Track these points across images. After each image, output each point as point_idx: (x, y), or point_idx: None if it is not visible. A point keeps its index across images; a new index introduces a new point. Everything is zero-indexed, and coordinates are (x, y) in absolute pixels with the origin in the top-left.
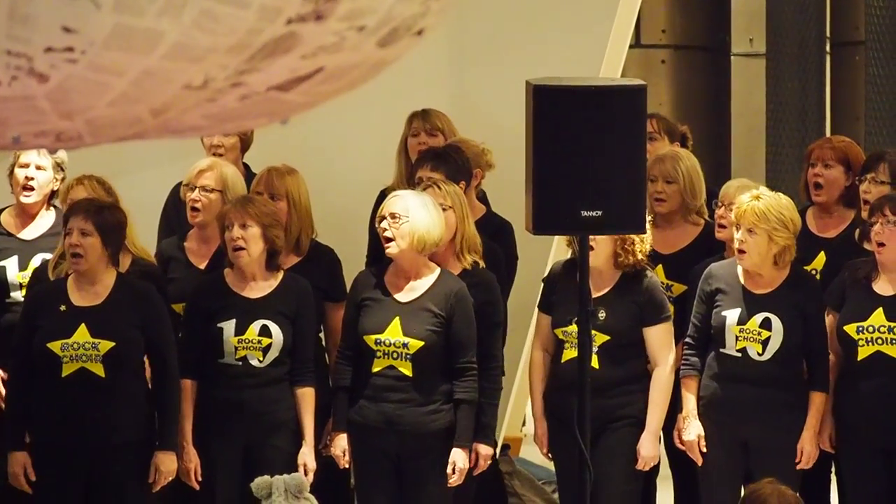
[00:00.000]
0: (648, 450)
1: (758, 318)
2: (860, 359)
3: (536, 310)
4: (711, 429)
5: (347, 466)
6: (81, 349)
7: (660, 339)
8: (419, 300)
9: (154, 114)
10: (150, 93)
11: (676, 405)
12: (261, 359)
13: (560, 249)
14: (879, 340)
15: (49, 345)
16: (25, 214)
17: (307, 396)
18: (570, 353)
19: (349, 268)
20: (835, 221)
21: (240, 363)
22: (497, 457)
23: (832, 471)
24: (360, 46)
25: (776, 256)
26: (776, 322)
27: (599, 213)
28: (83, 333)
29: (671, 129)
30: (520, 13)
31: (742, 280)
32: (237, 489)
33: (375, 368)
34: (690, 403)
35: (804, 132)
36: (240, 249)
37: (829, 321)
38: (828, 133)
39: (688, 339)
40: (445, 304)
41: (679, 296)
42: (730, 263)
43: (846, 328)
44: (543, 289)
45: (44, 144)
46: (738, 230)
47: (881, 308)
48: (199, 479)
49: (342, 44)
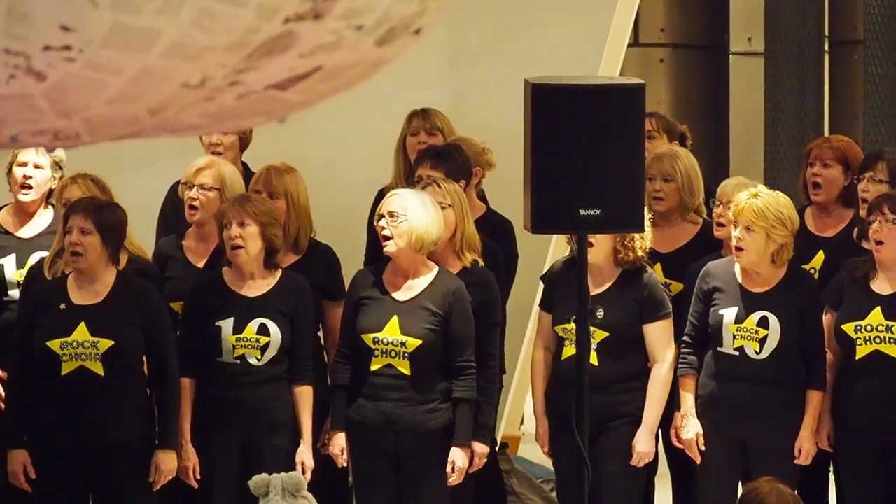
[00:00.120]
0: (644, 445)
1: (755, 317)
2: (858, 358)
3: (536, 309)
4: (709, 427)
5: (346, 465)
6: (81, 348)
7: (659, 336)
8: (417, 299)
9: (152, 112)
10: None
11: (674, 403)
12: (259, 357)
13: (558, 249)
14: (877, 339)
15: (48, 343)
16: (23, 213)
17: (305, 395)
18: (570, 351)
19: (348, 266)
20: (833, 221)
21: (238, 362)
22: (497, 455)
23: (830, 470)
24: (358, 45)
25: (774, 254)
26: (773, 321)
27: (598, 212)
28: (83, 332)
29: (670, 128)
30: (518, 12)
31: (739, 278)
32: (235, 487)
33: (374, 367)
34: (688, 402)
35: (803, 131)
36: (238, 248)
37: (828, 320)
38: (826, 132)
39: (685, 338)
40: (443, 303)
41: (677, 294)
42: (727, 262)
43: (844, 327)
44: (544, 287)
45: (42, 143)
46: (736, 228)
47: (879, 307)
48: (198, 478)
49: (340, 43)
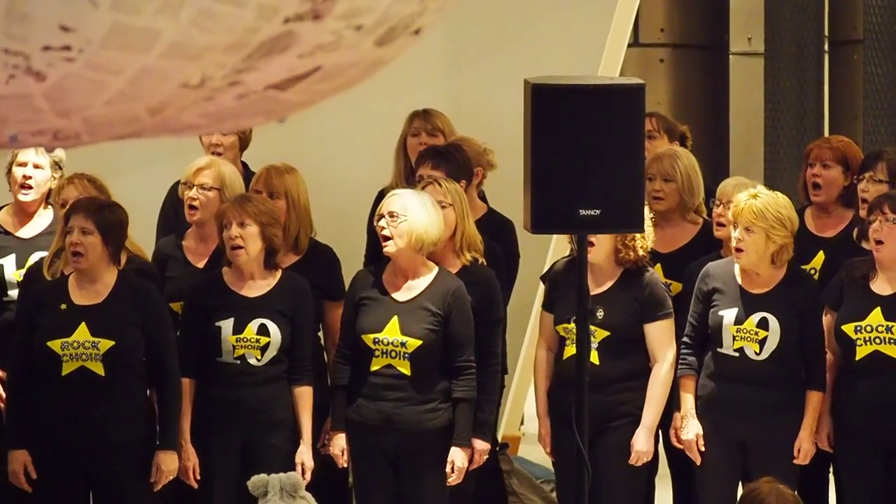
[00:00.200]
0: (642, 444)
1: (755, 318)
2: (858, 358)
3: (536, 309)
4: (709, 428)
5: (346, 465)
6: (81, 348)
7: (660, 336)
8: (417, 299)
9: (151, 112)
10: (148, 91)
11: (674, 403)
12: (259, 357)
13: (558, 249)
14: (877, 340)
15: (49, 343)
16: (23, 213)
17: (305, 395)
18: (571, 350)
19: (348, 266)
20: (833, 221)
21: (238, 362)
22: (497, 454)
23: (830, 470)
24: (358, 45)
25: (773, 255)
26: (773, 322)
27: (598, 212)
28: (83, 332)
29: (671, 128)
30: (518, 12)
31: (739, 279)
32: (235, 488)
33: (374, 367)
34: (688, 403)
35: (802, 131)
36: (238, 248)
37: (827, 321)
38: (826, 132)
39: (684, 339)
40: (443, 303)
41: (676, 295)
42: (727, 262)
43: (844, 328)
44: (546, 287)
45: (41, 143)
46: (736, 229)
47: (879, 307)
48: (197, 478)
49: (339, 43)
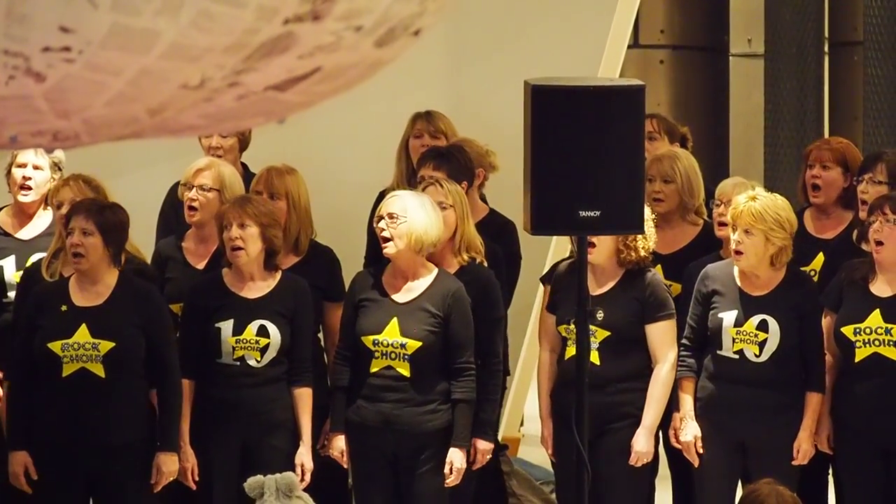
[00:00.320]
0: (642, 445)
1: (754, 320)
2: (857, 360)
3: (536, 310)
4: (708, 430)
5: (345, 467)
6: (82, 349)
7: (661, 337)
8: (417, 300)
9: (151, 113)
10: (147, 92)
11: (674, 404)
12: (258, 359)
13: (558, 250)
14: (876, 342)
15: (49, 345)
16: (23, 214)
17: (304, 396)
18: (573, 351)
19: (348, 268)
20: (833, 223)
21: (237, 363)
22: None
23: (829, 472)
24: (357, 46)
25: (773, 257)
26: (773, 324)
27: (598, 214)
28: (84, 333)
29: (671, 130)
30: (518, 13)
31: (738, 281)
32: (235, 489)
33: (373, 369)
34: (687, 404)
35: (802, 132)
36: (238, 249)
37: (827, 322)
38: (826, 133)
39: (684, 341)
40: (443, 305)
41: (676, 296)
42: (726, 264)
43: (843, 330)
44: (550, 289)
45: (41, 144)
46: (735, 231)
47: (878, 309)
48: (196, 479)
49: (339, 44)
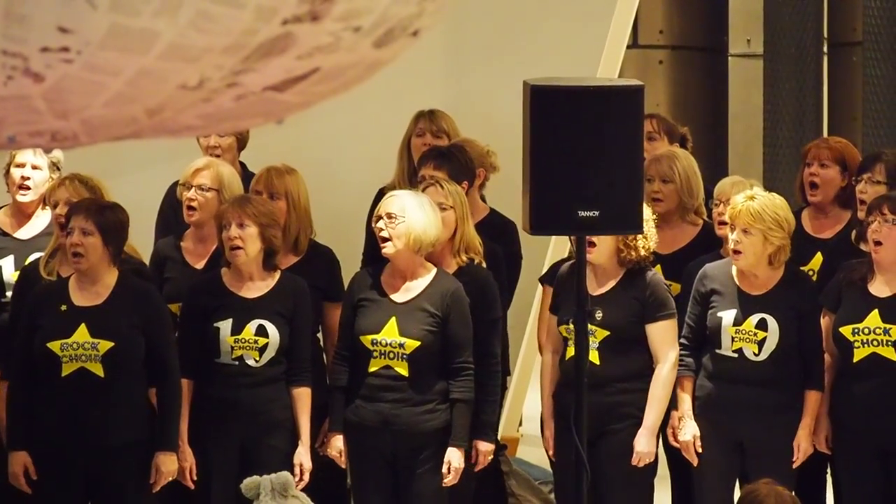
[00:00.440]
0: (644, 446)
1: (753, 319)
2: (856, 360)
3: (535, 310)
4: (707, 429)
5: (344, 466)
6: (81, 349)
7: (661, 336)
8: (415, 300)
9: (149, 114)
10: (146, 93)
11: (673, 403)
12: (257, 358)
13: (557, 250)
14: (875, 342)
15: (49, 344)
16: (21, 214)
17: (303, 396)
18: (573, 351)
19: (348, 267)
20: (830, 222)
21: (236, 363)
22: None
23: (828, 472)
24: (356, 47)
25: (771, 256)
26: (772, 322)
27: (597, 214)
28: (83, 333)
29: (671, 130)
30: (517, 13)
31: (737, 281)
32: (233, 488)
33: (372, 368)
34: (686, 404)
35: (801, 133)
36: (237, 249)
37: (825, 322)
38: (825, 133)
39: (682, 340)
40: (441, 304)
41: (675, 296)
42: (725, 264)
43: (842, 330)
44: (553, 290)
45: (39, 144)
46: (733, 231)
47: (876, 310)
48: (194, 479)
49: (338, 44)
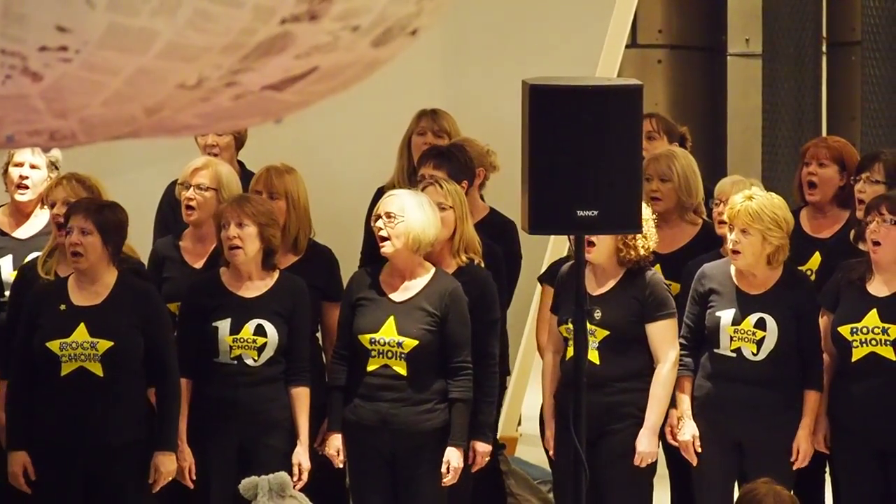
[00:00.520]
0: (646, 446)
1: (752, 319)
2: (854, 360)
3: (534, 310)
4: (706, 429)
5: (342, 466)
6: (80, 349)
7: (661, 336)
8: (414, 299)
9: (148, 113)
10: (144, 92)
11: (671, 404)
12: (256, 358)
13: (556, 249)
14: (873, 342)
15: (48, 344)
16: (20, 213)
17: (302, 396)
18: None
19: (347, 267)
20: (829, 222)
21: (235, 362)
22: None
23: (826, 472)
24: (354, 46)
25: (770, 256)
26: (771, 322)
27: (595, 213)
28: (82, 333)
29: (670, 129)
30: (515, 13)
31: (736, 280)
32: (232, 488)
33: (370, 368)
34: (685, 403)
35: (800, 132)
36: (236, 248)
37: (824, 322)
38: (824, 133)
39: (681, 340)
40: (440, 304)
41: (675, 295)
42: (723, 263)
43: (840, 329)
44: (555, 290)
45: (38, 143)
46: (732, 231)
47: (875, 309)
48: (193, 478)
49: (336, 44)
